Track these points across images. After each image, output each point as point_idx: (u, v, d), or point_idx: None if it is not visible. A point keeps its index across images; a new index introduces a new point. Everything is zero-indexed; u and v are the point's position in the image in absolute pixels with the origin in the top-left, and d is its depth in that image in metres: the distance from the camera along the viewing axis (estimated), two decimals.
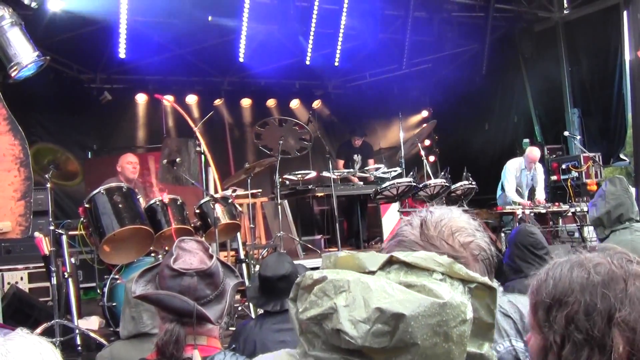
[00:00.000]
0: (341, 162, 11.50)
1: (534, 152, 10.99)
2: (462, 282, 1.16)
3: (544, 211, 10.26)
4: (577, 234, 10.60)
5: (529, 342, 1.80)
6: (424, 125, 12.84)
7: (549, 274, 1.72)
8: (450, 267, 1.16)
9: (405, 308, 1.08)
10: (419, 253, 1.20)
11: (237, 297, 7.45)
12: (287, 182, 10.19)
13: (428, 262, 1.16)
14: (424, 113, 16.24)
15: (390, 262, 1.19)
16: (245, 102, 15.04)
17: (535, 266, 4.79)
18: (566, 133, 11.92)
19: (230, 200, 7.46)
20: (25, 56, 5.42)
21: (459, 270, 1.16)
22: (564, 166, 12.15)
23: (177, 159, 7.74)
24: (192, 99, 14.20)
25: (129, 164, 8.15)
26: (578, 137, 12.29)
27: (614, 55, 12.46)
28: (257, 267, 5.11)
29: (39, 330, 6.31)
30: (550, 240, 10.08)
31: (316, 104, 15.80)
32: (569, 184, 11.81)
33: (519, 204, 10.32)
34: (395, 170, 10.20)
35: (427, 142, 14.44)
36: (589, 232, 10.17)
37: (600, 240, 5.31)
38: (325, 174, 10.04)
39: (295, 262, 4.21)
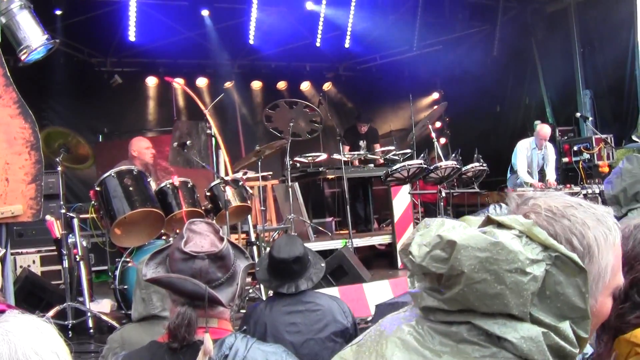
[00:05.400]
0: (347, 148, 11.42)
1: (544, 129, 10.93)
2: (543, 247, 1.19)
3: None
4: None
5: None
6: (435, 107, 12.76)
7: (633, 232, 1.86)
8: (529, 228, 1.20)
9: (459, 238, 1.18)
10: (510, 215, 1.29)
11: (248, 279, 7.46)
12: (298, 165, 10.15)
13: (512, 221, 1.22)
14: (435, 95, 16.20)
15: (487, 222, 1.27)
16: (256, 85, 15.06)
17: None
18: (578, 115, 11.82)
19: (240, 183, 7.46)
20: (35, 39, 5.40)
21: (537, 233, 1.20)
22: (575, 148, 12.08)
23: (188, 142, 7.74)
24: (202, 82, 14.21)
25: (147, 149, 8.01)
26: (590, 119, 12.18)
27: (627, 36, 12.32)
28: (268, 249, 5.10)
29: (51, 313, 6.35)
30: None
31: (327, 86, 15.79)
32: (580, 166, 11.75)
33: (530, 185, 10.27)
34: (405, 153, 10.16)
35: (438, 124, 14.36)
36: None
37: (617, 219, 5.26)
38: (335, 156, 10.02)
39: (306, 244, 4.19)
